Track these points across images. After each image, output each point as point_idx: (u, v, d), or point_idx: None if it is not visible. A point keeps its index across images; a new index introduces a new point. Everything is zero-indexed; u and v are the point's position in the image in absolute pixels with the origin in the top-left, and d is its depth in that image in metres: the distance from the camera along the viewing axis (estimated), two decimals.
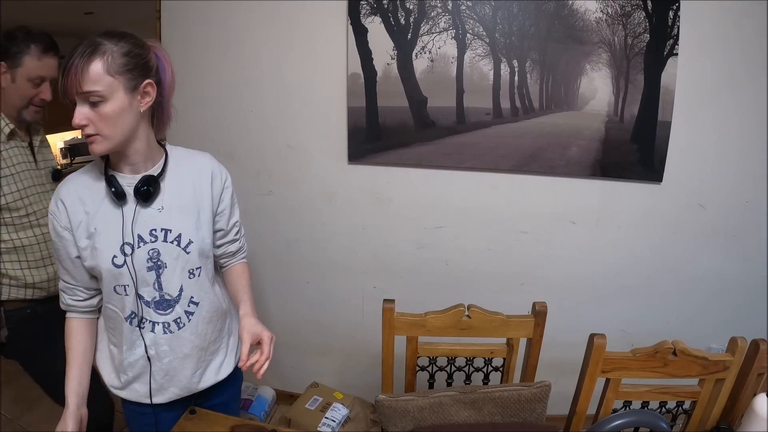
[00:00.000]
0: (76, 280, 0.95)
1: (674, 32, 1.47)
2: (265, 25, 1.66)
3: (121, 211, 0.91)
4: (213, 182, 1.03)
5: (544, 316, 1.12)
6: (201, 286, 0.99)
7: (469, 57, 1.56)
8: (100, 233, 0.90)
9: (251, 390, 2.08)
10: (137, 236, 0.91)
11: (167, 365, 0.98)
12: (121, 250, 0.90)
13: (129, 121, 0.87)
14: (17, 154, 1.24)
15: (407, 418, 0.99)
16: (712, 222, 1.65)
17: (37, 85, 1.22)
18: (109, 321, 0.98)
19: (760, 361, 0.99)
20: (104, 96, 0.82)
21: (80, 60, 0.80)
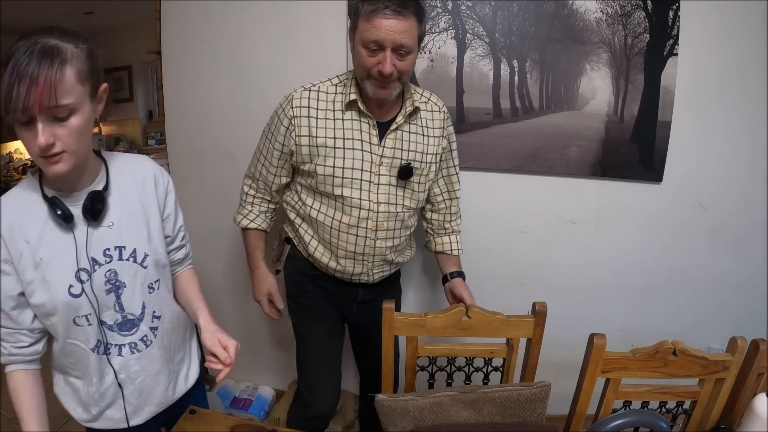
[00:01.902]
0: (18, 323, 0.82)
1: (674, 32, 1.47)
2: (264, 25, 1.65)
3: (73, 235, 0.81)
4: (157, 187, 0.95)
5: (544, 316, 1.12)
6: (162, 298, 0.95)
7: (469, 57, 1.56)
8: (49, 263, 0.80)
9: (251, 390, 2.08)
10: (92, 259, 0.83)
11: (140, 385, 0.94)
12: (77, 278, 0.82)
13: (91, 132, 0.79)
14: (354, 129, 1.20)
15: (407, 418, 0.99)
16: (712, 222, 1.65)
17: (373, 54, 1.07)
18: (69, 357, 0.88)
19: (760, 361, 0.99)
20: (75, 108, 0.72)
21: (50, 69, 0.68)
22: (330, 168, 1.16)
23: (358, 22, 1.06)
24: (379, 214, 1.20)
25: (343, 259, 1.24)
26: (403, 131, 1.20)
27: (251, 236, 1.36)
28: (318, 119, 1.16)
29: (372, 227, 1.21)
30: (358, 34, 1.07)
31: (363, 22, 1.04)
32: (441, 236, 1.41)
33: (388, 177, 1.19)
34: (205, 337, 0.93)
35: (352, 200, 1.18)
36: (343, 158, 1.16)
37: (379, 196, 1.19)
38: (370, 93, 1.11)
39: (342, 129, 1.16)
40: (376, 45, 1.04)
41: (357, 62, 1.11)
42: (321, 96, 1.18)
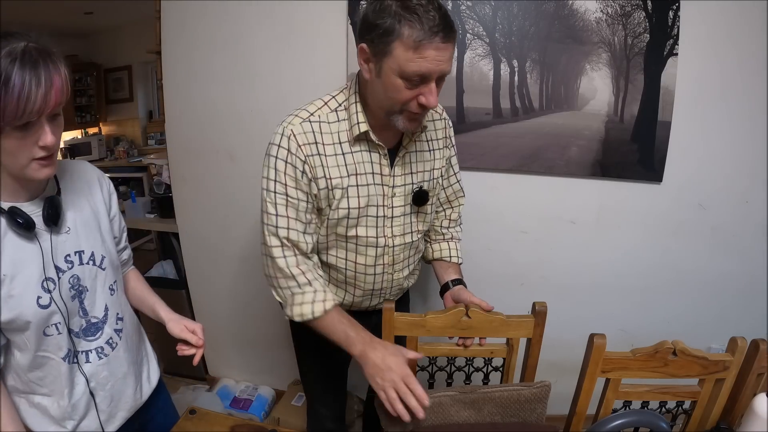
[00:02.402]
0: None
1: (674, 32, 1.47)
2: (265, 25, 1.65)
3: (38, 244, 0.79)
4: (102, 189, 0.95)
5: (544, 316, 1.12)
6: (120, 299, 0.96)
7: (469, 57, 1.56)
8: (13, 277, 0.76)
9: (251, 390, 2.08)
10: (55, 267, 0.81)
11: (111, 390, 0.93)
12: (43, 288, 0.79)
13: None
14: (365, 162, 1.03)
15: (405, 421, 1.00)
16: (712, 222, 1.65)
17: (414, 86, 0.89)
18: (39, 371, 0.84)
19: (760, 361, 0.99)
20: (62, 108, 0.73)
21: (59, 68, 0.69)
22: (344, 210, 1.01)
23: (394, 47, 0.83)
24: (395, 248, 1.10)
25: (360, 297, 1.17)
26: (410, 152, 1.07)
27: (334, 314, 1.01)
28: (327, 156, 0.98)
29: (389, 262, 1.11)
30: (393, 63, 0.85)
31: (405, 50, 0.83)
32: (438, 242, 1.28)
33: (402, 207, 1.08)
34: (172, 327, 0.97)
35: (367, 239, 1.06)
36: (357, 197, 1.01)
37: (394, 229, 1.08)
38: (401, 127, 0.94)
39: (353, 164, 1.00)
40: (419, 78, 0.86)
41: (387, 94, 0.90)
42: (324, 127, 0.99)
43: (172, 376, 2.31)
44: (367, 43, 0.88)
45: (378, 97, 0.94)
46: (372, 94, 0.96)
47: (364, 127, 0.98)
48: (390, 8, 0.83)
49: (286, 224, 0.98)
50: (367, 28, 0.87)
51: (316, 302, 0.99)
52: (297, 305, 1.00)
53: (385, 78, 0.88)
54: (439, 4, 0.84)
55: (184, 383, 2.22)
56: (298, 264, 1.00)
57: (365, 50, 0.89)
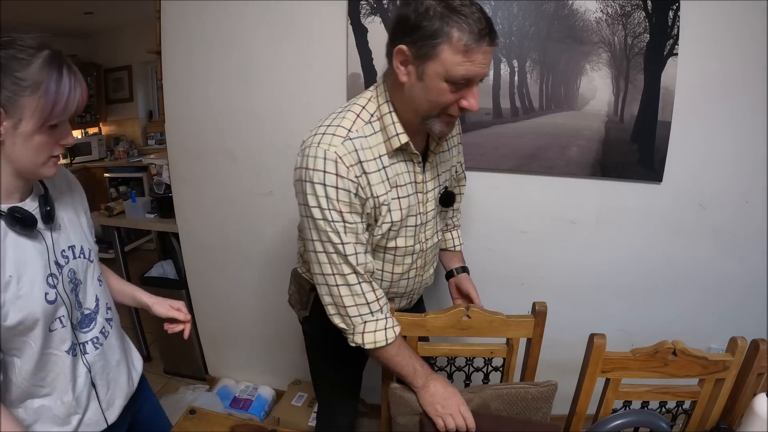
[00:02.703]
0: None
1: (674, 32, 1.47)
2: (265, 25, 1.66)
3: (42, 241, 0.81)
4: (74, 187, 0.97)
5: (544, 316, 1.12)
6: (106, 290, 0.99)
7: None
8: (20, 278, 0.77)
9: (251, 390, 2.09)
10: (55, 263, 0.83)
11: (107, 379, 0.96)
12: (48, 284, 0.81)
13: None
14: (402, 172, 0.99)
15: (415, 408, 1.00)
16: (712, 222, 1.65)
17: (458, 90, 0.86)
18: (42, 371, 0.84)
19: (760, 361, 0.99)
20: None
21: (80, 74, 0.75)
22: (388, 224, 0.98)
23: (441, 51, 0.81)
24: (427, 251, 1.12)
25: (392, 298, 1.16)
26: (436, 155, 1.06)
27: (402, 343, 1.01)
28: (370, 174, 0.93)
29: (421, 265, 1.13)
30: (439, 66, 0.82)
31: (454, 54, 0.80)
32: (443, 232, 1.31)
33: (433, 211, 1.08)
34: (157, 309, 1.04)
35: (405, 249, 1.05)
36: (399, 209, 0.99)
37: (426, 233, 1.09)
38: (437, 130, 0.92)
39: (394, 176, 0.97)
40: (464, 81, 0.84)
41: (428, 98, 0.87)
42: (363, 143, 0.92)
43: (172, 376, 2.31)
44: (408, 45, 0.84)
45: (416, 101, 0.89)
46: (408, 98, 0.90)
47: (404, 138, 0.94)
48: (435, 9, 0.80)
49: (353, 250, 0.93)
50: (408, 30, 0.83)
51: (387, 329, 0.98)
52: (370, 333, 0.97)
53: (429, 81, 0.84)
54: (479, 6, 0.82)
55: (184, 383, 2.22)
56: (373, 289, 0.97)
57: (405, 52, 0.85)
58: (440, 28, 0.80)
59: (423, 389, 0.99)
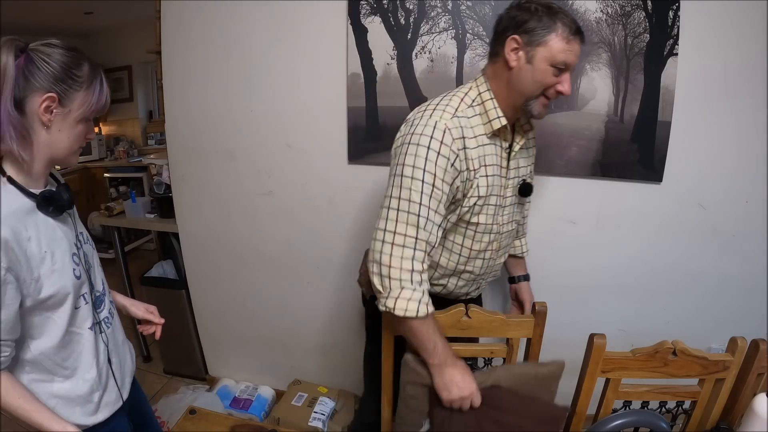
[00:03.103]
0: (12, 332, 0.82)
1: (674, 32, 1.47)
2: (264, 25, 1.66)
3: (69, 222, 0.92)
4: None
5: (544, 316, 1.12)
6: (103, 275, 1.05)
7: (469, 57, 1.56)
8: (53, 253, 0.85)
9: (251, 390, 2.09)
10: (75, 245, 0.92)
11: (118, 356, 1.02)
12: (74, 261, 0.89)
13: None
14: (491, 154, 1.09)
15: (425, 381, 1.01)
16: (712, 222, 1.65)
17: (558, 73, 1.01)
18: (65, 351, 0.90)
19: (760, 361, 0.99)
20: None
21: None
22: (474, 198, 1.08)
23: (549, 39, 0.98)
24: (503, 235, 1.19)
25: (463, 283, 1.22)
26: (521, 147, 1.17)
27: (432, 321, 1.02)
28: (469, 150, 1.04)
29: (496, 248, 1.20)
30: (546, 51, 0.99)
31: (561, 41, 0.98)
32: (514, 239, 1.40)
33: (511, 198, 1.18)
34: (134, 311, 1.12)
35: (485, 226, 1.13)
36: (486, 186, 1.08)
37: (504, 217, 1.18)
38: (535, 111, 1.06)
39: (484, 156, 1.07)
40: (564, 66, 1.00)
41: (535, 78, 1.01)
42: (465, 122, 1.04)
43: (172, 376, 2.31)
44: (520, 35, 1.00)
45: (524, 82, 1.03)
46: (515, 80, 1.04)
47: (504, 120, 1.06)
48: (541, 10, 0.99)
49: (426, 214, 0.99)
50: (519, 24, 1.00)
51: (422, 302, 0.98)
52: (403, 299, 0.97)
53: (537, 64, 1.00)
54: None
55: (184, 383, 2.22)
56: (423, 260, 1.00)
57: (517, 41, 1.01)
58: (550, 22, 0.98)
59: (438, 367, 1.00)
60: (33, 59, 0.79)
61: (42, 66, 0.80)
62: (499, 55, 1.04)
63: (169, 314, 2.14)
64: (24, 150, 0.81)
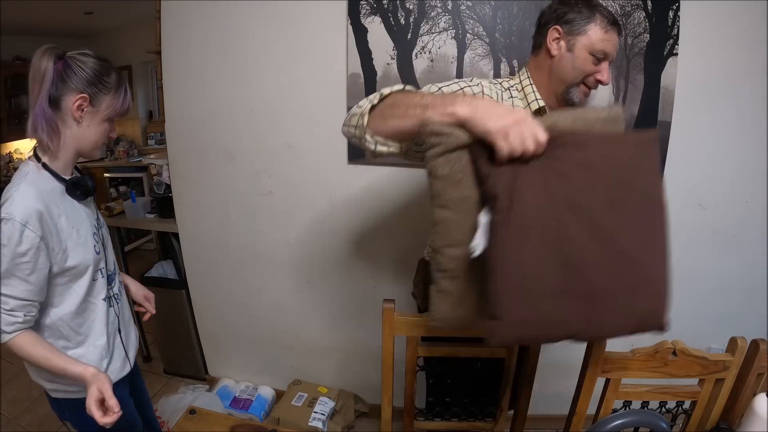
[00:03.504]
0: (40, 294, 0.94)
1: (674, 32, 1.47)
2: (264, 25, 1.66)
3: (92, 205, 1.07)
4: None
5: None
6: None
7: (469, 57, 1.56)
8: (79, 230, 0.99)
9: (251, 390, 2.08)
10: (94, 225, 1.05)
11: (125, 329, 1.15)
12: (95, 240, 1.03)
13: None
14: None
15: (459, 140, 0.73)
16: (712, 222, 1.65)
17: (597, 62, 1.06)
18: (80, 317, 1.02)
19: (760, 361, 0.99)
20: None
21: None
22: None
23: (588, 28, 1.04)
24: None
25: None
26: None
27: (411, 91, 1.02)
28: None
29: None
30: (586, 40, 1.04)
31: (600, 30, 1.04)
32: None
33: None
34: (134, 291, 1.25)
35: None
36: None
37: None
38: (576, 99, 1.09)
39: None
40: (603, 55, 1.05)
41: (575, 65, 1.06)
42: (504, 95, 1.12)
43: (172, 376, 2.31)
44: (561, 26, 1.06)
45: (564, 69, 1.08)
46: (556, 68, 1.08)
47: (542, 102, 1.10)
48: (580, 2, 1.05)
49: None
50: (561, 15, 1.06)
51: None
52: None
53: (577, 52, 1.06)
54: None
55: (184, 383, 2.22)
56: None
57: (559, 30, 1.06)
58: (589, 12, 1.04)
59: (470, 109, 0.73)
60: (70, 65, 0.94)
61: (78, 71, 0.94)
62: (541, 46, 1.10)
63: (169, 314, 2.16)
64: (51, 140, 0.94)
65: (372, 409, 2.03)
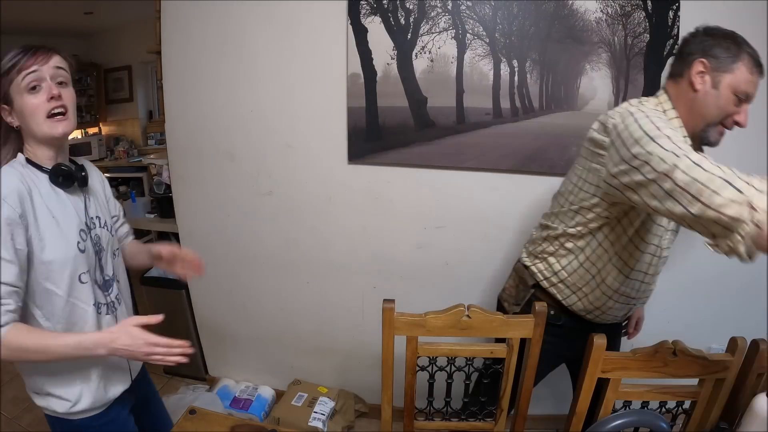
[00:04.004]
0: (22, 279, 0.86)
1: (674, 32, 1.47)
2: (264, 25, 1.65)
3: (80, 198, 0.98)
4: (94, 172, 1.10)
5: (544, 316, 1.12)
6: (120, 264, 1.10)
7: (469, 57, 1.56)
8: (61, 221, 0.92)
9: (251, 390, 2.09)
10: (85, 223, 0.97)
11: None
12: (80, 235, 0.94)
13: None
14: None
15: None
16: None
17: (739, 103, 1.02)
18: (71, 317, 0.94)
19: (759, 361, 0.99)
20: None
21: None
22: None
23: (736, 67, 0.99)
24: (662, 259, 1.15)
25: (620, 306, 1.17)
26: None
27: None
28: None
29: (653, 273, 1.15)
30: (732, 79, 1.00)
31: (746, 71, 0.99)
32: None
33: (672, 224, 1.13)
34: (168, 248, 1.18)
35: (650, 246, 1.10)
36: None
37: (664, 241, 1.13)
38: (713, 139, 1.06)
39: None
40: (745, 96, 1.01)
41: (718, 104, 1.02)
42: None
43: (173, 376, 2.31)
44: (708, 59, 1.02)
45: (707, 107, 1.03)
46: (699, 104, 1.03)
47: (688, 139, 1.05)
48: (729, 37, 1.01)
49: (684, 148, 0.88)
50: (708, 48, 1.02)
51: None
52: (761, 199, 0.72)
53: (723, 90, 1.01)
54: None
55: (184, 383, 2.22)
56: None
57: (705, 64, 1.02)
58: (738, 50, 1.00)
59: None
60: None
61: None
62: (683, 76, 1.05)
63: (169, 314, 2.15)
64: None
65: (372, 409, 2.03)
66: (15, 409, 2.04)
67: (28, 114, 0.89)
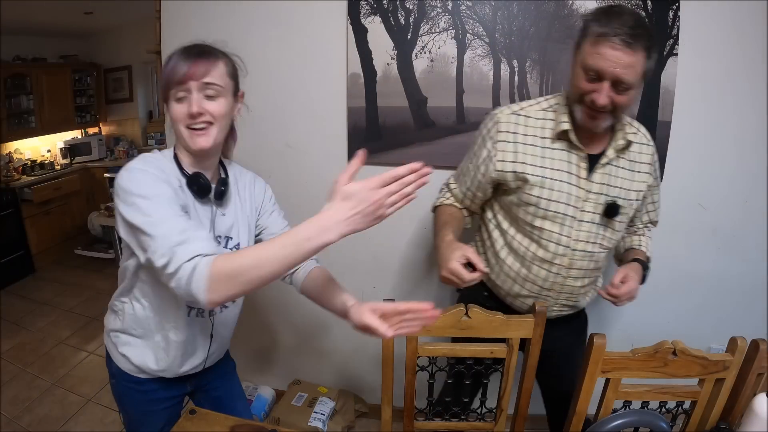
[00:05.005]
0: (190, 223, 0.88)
1: (674, 32, 1.47)
2: (264, 25, 1.65)
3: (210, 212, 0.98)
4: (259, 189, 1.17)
5: (544, 316, 1.12)
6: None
7: (469, 57, 1.56)
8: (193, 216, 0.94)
9: (251, 390, 2.08)
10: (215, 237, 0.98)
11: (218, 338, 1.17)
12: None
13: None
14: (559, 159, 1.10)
15: None
16: (712, 222, 1.65)
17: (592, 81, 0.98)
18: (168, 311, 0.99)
19: (760, 361, 0.99)
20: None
21: None
22: (534, 198, 1.10)
23: (584, 42, 0.99)
24: (576, 252, 1.14)
25: (527, 293, 1.20)
26: (613, 166, 1.11)
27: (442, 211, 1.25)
28: (526, 145, 1.10)
29: (566, 264, 1.15)
30: (580, 55, 1.00)
31: (588, 44, 0.97)
32: (630, 236, 1.31)
33: (592, 215, 1.12)
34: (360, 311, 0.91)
35: (551, 234, 1.12)
36: (551, 190, 1.09)
37: (580, 234, 1.12)
38: (578, 119, 1.05)
39: (551, 159, 1.10)
40: (595, 74, 0.97)
41: (572, 82, 1.04)
42: (529, 122, 1.12)
43: None
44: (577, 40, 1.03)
45: (570, 85, 1.06)
46: (569, 84, 1.06)
47: (565, 126, 1.08)
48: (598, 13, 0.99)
49: (455, 181, 1.26)
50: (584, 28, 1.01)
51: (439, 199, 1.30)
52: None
53: (575, 68, 1.03)
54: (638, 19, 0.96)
55: None
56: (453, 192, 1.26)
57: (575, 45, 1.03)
58: (587, 23, 0.99)
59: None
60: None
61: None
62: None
63: None
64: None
65: (372, 409, 2.03)
66: (15, 409, 2.04)
67: (173, 120, 0.95)
